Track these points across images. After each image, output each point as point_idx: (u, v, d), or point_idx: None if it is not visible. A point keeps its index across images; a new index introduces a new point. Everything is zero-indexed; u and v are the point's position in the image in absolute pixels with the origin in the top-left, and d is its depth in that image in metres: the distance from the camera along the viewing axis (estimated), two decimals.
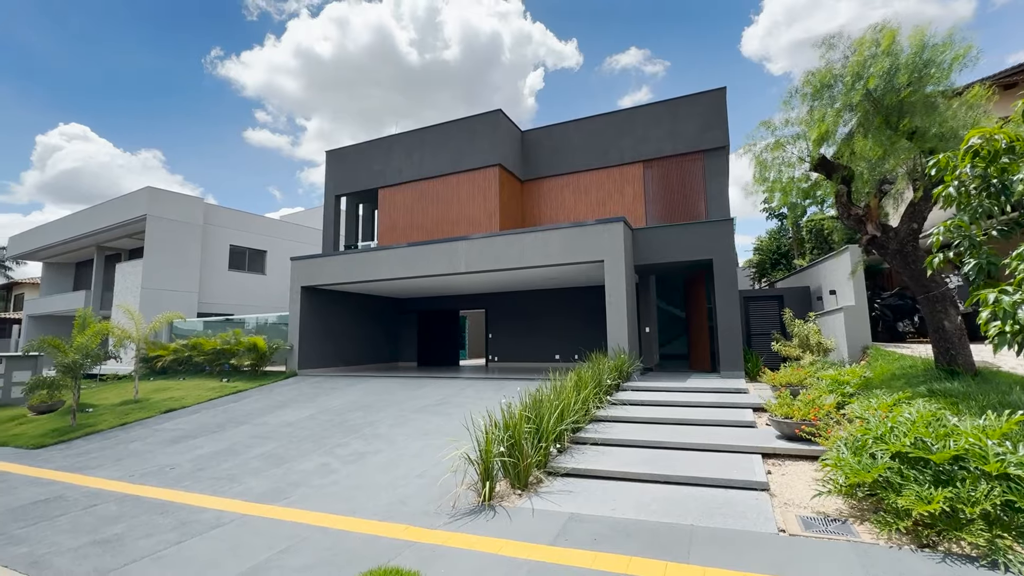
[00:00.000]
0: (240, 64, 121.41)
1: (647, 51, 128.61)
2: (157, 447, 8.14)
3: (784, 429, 5.79)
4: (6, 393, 13.49)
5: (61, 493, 6.02)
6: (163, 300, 19.33)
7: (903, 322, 10.16)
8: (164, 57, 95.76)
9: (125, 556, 4.12)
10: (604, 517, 4.29)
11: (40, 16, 71.13)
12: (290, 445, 7.54)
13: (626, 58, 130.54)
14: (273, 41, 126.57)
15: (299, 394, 11.60)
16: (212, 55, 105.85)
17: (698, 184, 13.35)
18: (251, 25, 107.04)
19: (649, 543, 3.76)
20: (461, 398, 10.02)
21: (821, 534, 3.71)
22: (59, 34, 79.88)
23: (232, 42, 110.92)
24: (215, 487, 5.91)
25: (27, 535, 4.71)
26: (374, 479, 5.81)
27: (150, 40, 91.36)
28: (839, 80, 6.01)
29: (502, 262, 11.78)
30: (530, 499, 4.82)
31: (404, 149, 16.25)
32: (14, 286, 36.36)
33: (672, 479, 5.07)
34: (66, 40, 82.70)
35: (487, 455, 4.94)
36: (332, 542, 4.16)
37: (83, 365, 10.24)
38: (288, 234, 25.08)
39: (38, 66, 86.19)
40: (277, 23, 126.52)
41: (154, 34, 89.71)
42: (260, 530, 4.54)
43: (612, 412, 7.55)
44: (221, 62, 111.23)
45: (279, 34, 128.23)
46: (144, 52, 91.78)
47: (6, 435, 9.85)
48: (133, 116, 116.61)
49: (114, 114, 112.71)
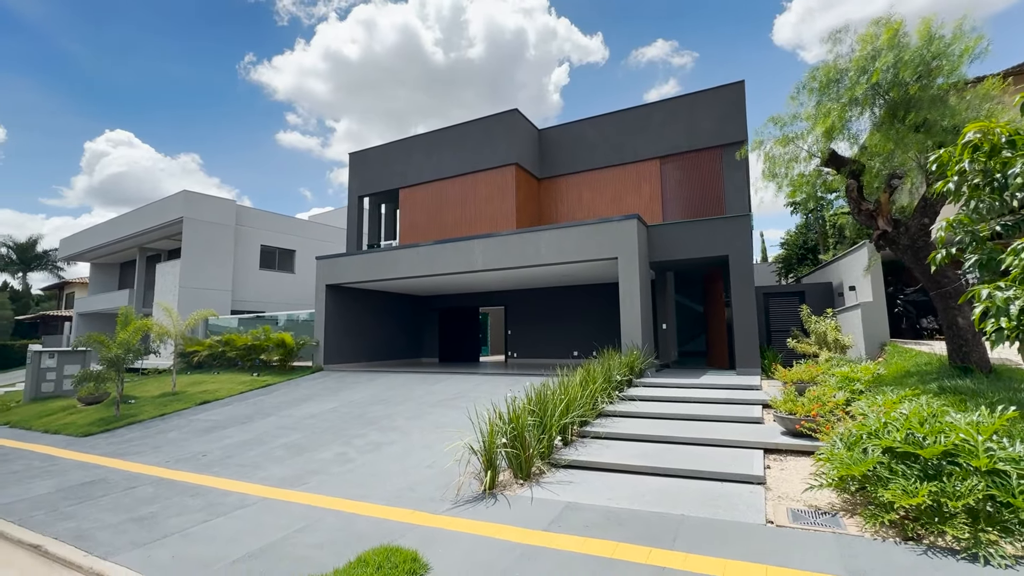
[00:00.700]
0: (272, 69, 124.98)
1: (674, 43, 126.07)
2: (191, 436, 8.69)
3: (787, 425, 5.82)
4: (58, 385, 14.50)
5: (104, 476, 6.55)
6: (200, 298, 20.29)
7: (927, 318, 9.87)
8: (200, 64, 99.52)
9: (158, 532, 4.52)
10: (599, 506, 4.46)
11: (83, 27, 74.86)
12: (312, 436, 7.94)
13: (652, 51, 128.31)
14: (303, 45, 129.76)
15: (323, 388, 12.09)
16: (245, 61, 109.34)
17: (716, 180, 13.22)
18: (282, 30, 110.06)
19: (638, 531, 3.91)
20: (476, 393, 10.28)
21: (808, 526, 3.79)
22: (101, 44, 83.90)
23: (264, 48, 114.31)
24: (241, 473, 6.33)
25: (74, 512, 5.19)
26: (387, 468, 6.11)
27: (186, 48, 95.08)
28: (844, 75, 5.96)
29: (518, 260, 11.98)
30: (531, 488, 5.02)
31: (423, 150, 16.61)
32: (65, 285, 38.66)
33: (672, 472, 5.19)
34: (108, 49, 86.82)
35: (490, 446, 5.16)
36: (343, 524, 4.47)
37: (125, 359, 10.95)
38: (315, 234, 25.89)
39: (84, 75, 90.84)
40: (307, 27, 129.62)
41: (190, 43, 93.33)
42: (279, 512, 4.89)
43: (621, 408, 7.67)
44: (254, 67, 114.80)
45: (308, 38, 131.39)
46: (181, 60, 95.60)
47: (58, 424, 10.65)
48: (172, 122, 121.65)
49: (155, 120, 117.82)
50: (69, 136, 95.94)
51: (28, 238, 39.92)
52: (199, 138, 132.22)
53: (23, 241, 39.74)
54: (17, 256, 39.42)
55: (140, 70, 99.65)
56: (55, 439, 9.51)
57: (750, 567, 3.24)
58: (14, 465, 7.54)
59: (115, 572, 3.77)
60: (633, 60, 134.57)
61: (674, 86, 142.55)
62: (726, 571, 3.23)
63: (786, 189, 7.14)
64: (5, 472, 7.10)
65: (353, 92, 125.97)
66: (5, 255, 39.23)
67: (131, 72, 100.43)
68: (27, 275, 41.08)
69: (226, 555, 3.95)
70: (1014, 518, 3.25)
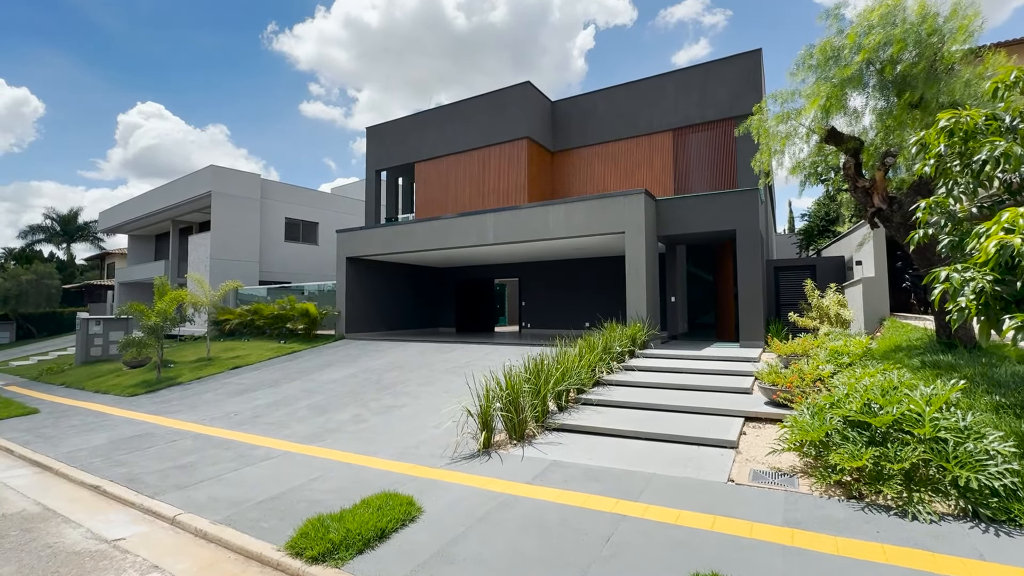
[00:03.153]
0: (293, 38, 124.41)
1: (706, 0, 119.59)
2: (225, 397, 9.51)
3: (768, 395, 6.14)
4: (105, 350, 15.74)
5: (150, 431, 7.37)
6: (229, 269, 21.31)
7: None
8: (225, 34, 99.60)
9: (196, 477, 5.21)
10: (581, 464, 4.93)
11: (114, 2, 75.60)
12: (332, 398, 8.63)
13: (682, 10, 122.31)
14: (323, 12, 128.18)
15: (344, 355, 12.85)
16: (268, 30, 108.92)
17: (730, 153, 13.10)
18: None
19: (609, 486, 4.37)
20: (487, 361, 10.82)
21: (764, 485, 4.18)
22: (132, 17, 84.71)
23: (286, 16, 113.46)
24: (268, 430, 7.04)
25: (125, 460, 5.96)
26: (396, 428, 6.71)
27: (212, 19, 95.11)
28: (840, 52, 5.96)
29: (528, 234, 12.28)
30: (523, 448, 5.52)
31: (438, 124, 16.80)
32: (106, 256, 40.70)
33: (654, 436, 5.60)
34: (138, 22, 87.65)
35: (486, 409, 5.66)
36: (353, 474, 5.07)
37: (163, 327, 11.86)
38: (338, 206, 26.54)
39: (115, 49, 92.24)
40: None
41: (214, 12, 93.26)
42: (299, 463, 5.53)
43: (619, 377, 8.07)
44: (276, 37, 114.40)
45: (328, 5, 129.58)
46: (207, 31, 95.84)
47: (107, 384, 11.71)
48: (200, 93, 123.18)
49: (183, 92, 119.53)
50: (103, 109, 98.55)
51: (70, 210, 41.91)
52: (226, 109, 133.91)
53: (65, 213, 41.77)
54: (61, 228, 41.54)
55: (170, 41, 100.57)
56: (105, 398, 10.51)
57: (700, 517, 3.67)
58: (72, 420, 8.48)
59: (160, 508, 4.44)
60: (661, 21, 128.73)
61: (705, 47, 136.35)
62: (678, 519, 3.66)
63: (788, 165, 7.23)
64: (66, 426, 8.02)
65: (374, 60, 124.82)
66: (50, 227, 41.39)
67: (161, 44, 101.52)
68: (71, 246, 43.36)
69: (252, 497, 4.59)
70: (947, 480, 3.57)
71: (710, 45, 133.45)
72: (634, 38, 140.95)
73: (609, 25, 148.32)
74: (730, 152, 13.09)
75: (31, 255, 39.03)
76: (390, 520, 3.76)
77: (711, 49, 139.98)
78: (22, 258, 37.23)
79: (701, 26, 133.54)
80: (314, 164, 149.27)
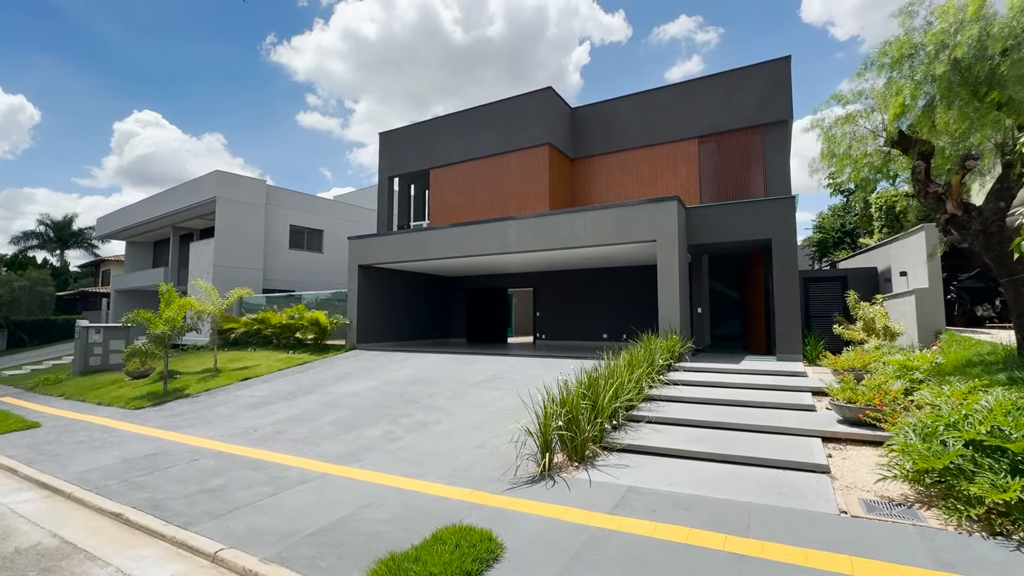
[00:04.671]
0: (292, 49, 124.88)
1: (699, 18, 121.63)
2: (239, 411, 8.94)
3: (846, 413, 5.70)
4: (104, 359, 15.08)
5: (165, 448, 6.80)
6: (233, 277, 20.70)
7: (982, 306, 9.51)
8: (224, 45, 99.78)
9: (229, 503, 4.68)
10: (661, 491, 4.46)
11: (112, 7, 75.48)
12: (357, 413, 8.10)
13: (675, 27, 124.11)
14: (321, 25, 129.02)
15: (359, 367, 12.30)
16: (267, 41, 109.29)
17: (757, 160, 12.82)
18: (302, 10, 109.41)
19: (706, 517, 3.90)
20: (513, 374, 10.34)
21: (885, 517, 3.73)
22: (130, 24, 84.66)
23: (284, 27, 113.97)
24: (294, 448, 6.50)
25: (145, 482, 5.41)
26: (437, 447, 6.20)
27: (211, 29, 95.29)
28: (920, 50, 5.64)
29: (553, 242, 11.88)
30: (587, 471, 5.04)
31: (454, 129, 16.45)
32: (101, 263, 39.87)
33: (729, 458, 5.14)
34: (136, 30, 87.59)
35: (546, 428, 5.18)
36: (405, 501, 4.56)
37: (171, 337, 11.28)
38: (343, 214, 26.07)
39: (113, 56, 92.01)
40: (325, 6, 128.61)
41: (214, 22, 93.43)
42: (340, 487, 5.01)
43: (665, 392, 7.62)
44: (274, 48, 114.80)
45: (327, 18, 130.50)
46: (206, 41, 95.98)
47: (110, 396, 11.09)
48: (198, 102, 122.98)
49: (181, 100, 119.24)
50: (100, 117, 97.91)
51: (64, 216, 41.09)
52: (224, 119, 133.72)
53: (60, 219, 40.94)
54: (55, 234, 40.68)
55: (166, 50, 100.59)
56: (109, 411, 9.90)
57: (833, 557, 3.20)
58: (78, 435, 7.89)
59: (197, 542, 3.91)
60: (655, 38, 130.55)
61: (697, 63, 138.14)
62: (807, 560, 3.19)
63: (847, 170, 6.88)
64: (71, 442, 7.43)
65: (372, 71, 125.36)
66: (44, 233, 40.52)
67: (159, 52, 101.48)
68: (64, 253, 42.47)
69: (299, 528, 4.07)
70: None
71: (703, 62, 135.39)
72: (629, 54, 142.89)
73: (604, 42, 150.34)
74: (759, 160, 12.81)
75: (24, 261, 38.16)
76: (473, 560, 3.27)
77: (704, 65, 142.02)
78: (15, 264, 36.36)
79: (694, 43, 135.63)
80: (310, 173, 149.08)
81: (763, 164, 12.67)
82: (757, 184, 12.86)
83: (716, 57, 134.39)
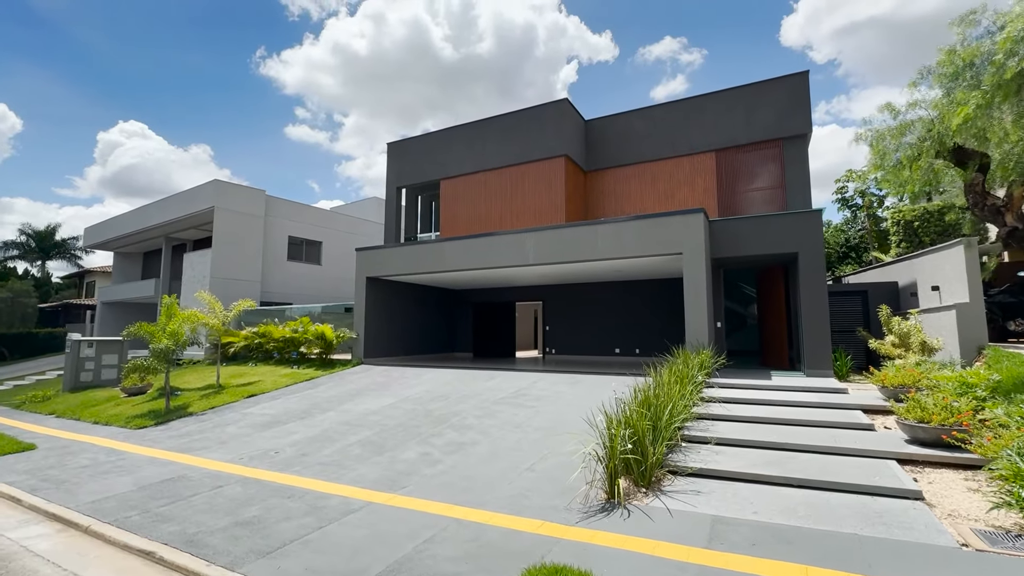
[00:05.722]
0: (281, 63, 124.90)
1: (683, 39, 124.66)
2: (253, 431, 8.41)
3: (918, 433, 5.44)
4: (96, 375, 14.33)
5: (182, 473, 6.27)
6: (230, 289, 20.05)
7: (1014, 321, 9.44)
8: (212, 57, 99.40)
9: (273, 539, 4.22)
10: (751, 521, 4.12)
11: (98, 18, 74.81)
12: (384, 434, 7.63)
13: (660, 48, 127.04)
14: (311, 40, 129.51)
15: (371, 382, 11.80)
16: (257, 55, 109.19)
17: (776, 173, 12.76)
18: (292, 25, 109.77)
19: (815, 552, 3.56)
20: (536, 390, 9.96)
21: (1012, 551, 3.43)
22: (117, 34, 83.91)
23: (274, 41, 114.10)
24: (325, 473, 6.03)
25: (170, 513, 4.90)
26: (482, 471, 5.79)
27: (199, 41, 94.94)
28: (986, 58, 5.52)
29: (573, 254, 11.61)
30: (658, 498, 4.68)
31: (466, 140, 16.23)
32: (86, 274, 38.65)
33: (805, 483, 4.83)
34: (123, 41, 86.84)
35: (613, 452, 4.82)
36: (472, 534, 4.15)
37: (175, 351, 10.70)
38: (342, 226, 25.59)
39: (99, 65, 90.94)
40: (316, 22, 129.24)
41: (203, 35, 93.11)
42: (391, 518, 4.58)
43: (709, 410, 7.32)
44: (264, 61, 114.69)
45: (317, 32, 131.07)
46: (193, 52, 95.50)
47: (107, 415, 10.43)
48: (184, 114, 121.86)
49: (167, 112, 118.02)
50: (83, 126, 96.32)
51: (47, 226, 39.89)
52: (210, 130, 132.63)
53: (41, 230, 39.70)
54: (36, 244, 39.40)
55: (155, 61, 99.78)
56: (109, 431, 9.28)
57: None
58: (80, 459, 7.30)
59: None
60: (641, 58, 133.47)
61: (682, 82, 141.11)
62: None
63: (894, 182, 6.73)
64: (75, 467, 6.85)
65: (362, 86, 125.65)
66: (25, 243, 39.22)
67: (146, 63, 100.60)
68: (46, 263, 41.12)
69: (364, 569, 3.64)
70: None
71: (687, 81, 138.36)
72: (615, 73, 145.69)
73: (592, 61, 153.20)
74: (778, 173, 12.76)
75: (4, 272, 36.83)
76: None
77: (688, 85, 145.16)
78: None
79: (679, 63, 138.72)
80: (297, 185, 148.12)
81: (782, 178, 12.62)
82: (776, 198, 12.79)
83: (700, 77, 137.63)
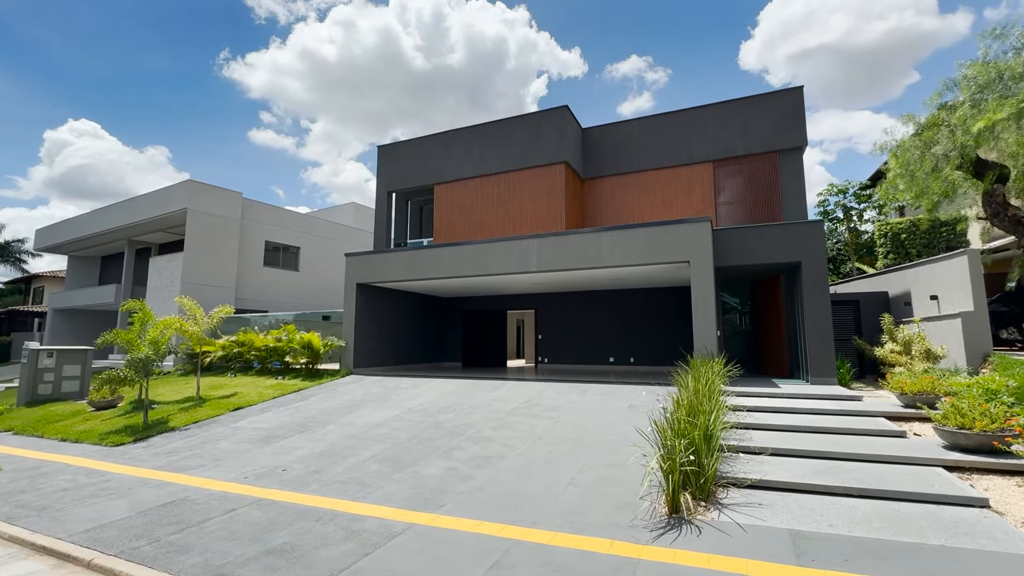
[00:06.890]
0: (245, 66, 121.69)
1: (649, 58, 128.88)
2: (249, 447, 7.77)
3: (961, 440, 5.44)
4: (56, 387, 13.13)
5: (184, 495, 5.66)
6: (202, 295, 18.89)
7: (1007, 330, 9.83)
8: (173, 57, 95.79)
9: (317, 569, 3.76)
10: (830, 534, 3.95)
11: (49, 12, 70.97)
12: (398, 448, 7.18)
13: (626, 66, 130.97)
14: (279, 44, 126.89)
15: (367, 394, 11.24)
16: (220, 57, 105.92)
17: (773, 184, 13.03)
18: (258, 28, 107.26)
19: (915, 566, 3.41)
20: (547, 400, 9.68)
21: None
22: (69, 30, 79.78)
23: (239, 43, 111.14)
24: (347, 492, 5.55)
25: (185, 542, 4.35)
26: (522, 486, 5.45)
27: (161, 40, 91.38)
28: (1010, 73, 5.68)
29: (577, 262, 11.45)
30: (722, 512, 4.47)
31: (463, 145, 15.93)
32: (33, 279, 35.98)
33: (866, 492, 4.72)
34: (76, 37, 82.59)
35: (674, 463, 4.59)
36: (543, 558, 3.81)
37: (154, 360, 9.88)
38: (322, 230, 24.75)
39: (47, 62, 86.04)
40: (284, 25, 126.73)
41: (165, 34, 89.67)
42: (442, 540, 4.19)
43: (737, 418, 7.22)
44: (227, 64, 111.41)
45: (284, 37, 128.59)
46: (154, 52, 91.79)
47: (76, 431, 9.48)
48: (141, 114, 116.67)
49: (123, 111, 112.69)
50: (28, 124, 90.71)
51: None
52: (168, 131, 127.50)
53: None
54: None
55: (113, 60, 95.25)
56: (82, 448, 8.41)
57: None
58: (55, 481, 6.52)
59: None
60: (608, 75, 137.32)
61: (648, 99, 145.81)
62: None
63: (916, 192, 6.85)
64: (53, 490, 6.10)
65: (330, 92, 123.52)
66: None
67: (103, 61, 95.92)
68: None
69: None
70: None
71: (653, 99, 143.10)
72: (584, 88, 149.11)
73: (561, 76, 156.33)
74: (774, 184, 13.02)
75: None
76: None
77: (654, 102, 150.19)
78: None
79: (644, 81, 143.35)
80: (261, 191, 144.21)
81: (779, 188, 12.89)
82: (772, 207, 13.04)
83: (665, 95, 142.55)
